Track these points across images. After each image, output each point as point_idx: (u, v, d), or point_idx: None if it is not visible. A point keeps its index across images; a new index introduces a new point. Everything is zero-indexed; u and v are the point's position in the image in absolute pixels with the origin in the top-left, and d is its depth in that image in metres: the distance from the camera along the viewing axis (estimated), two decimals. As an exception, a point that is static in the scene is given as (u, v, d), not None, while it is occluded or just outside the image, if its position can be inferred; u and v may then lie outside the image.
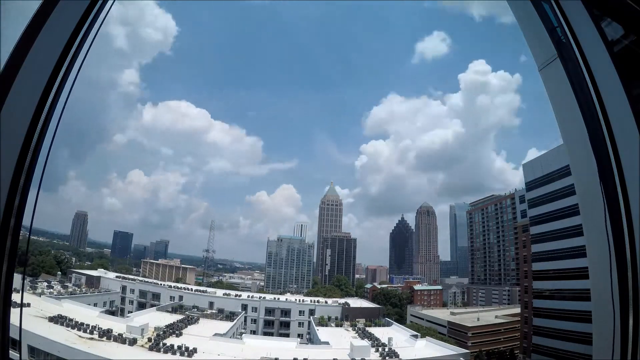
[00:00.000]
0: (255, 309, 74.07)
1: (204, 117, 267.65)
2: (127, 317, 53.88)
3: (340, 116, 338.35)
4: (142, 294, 77.43)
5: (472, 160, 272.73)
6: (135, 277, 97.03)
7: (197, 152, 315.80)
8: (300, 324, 73.43)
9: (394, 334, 54.07)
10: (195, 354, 38.79)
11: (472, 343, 72.76)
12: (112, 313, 60.96)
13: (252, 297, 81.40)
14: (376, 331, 58.54)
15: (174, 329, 47.86)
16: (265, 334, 67.60)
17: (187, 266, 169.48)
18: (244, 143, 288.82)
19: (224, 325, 56.31)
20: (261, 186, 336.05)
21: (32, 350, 33.96)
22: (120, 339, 40.11)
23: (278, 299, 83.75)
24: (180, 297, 75.58)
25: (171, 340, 42.84)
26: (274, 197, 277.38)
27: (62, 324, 41.25)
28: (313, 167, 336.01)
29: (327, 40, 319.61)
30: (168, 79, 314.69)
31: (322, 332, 57.01)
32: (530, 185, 73.05)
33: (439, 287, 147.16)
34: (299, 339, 57.68)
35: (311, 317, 69.54)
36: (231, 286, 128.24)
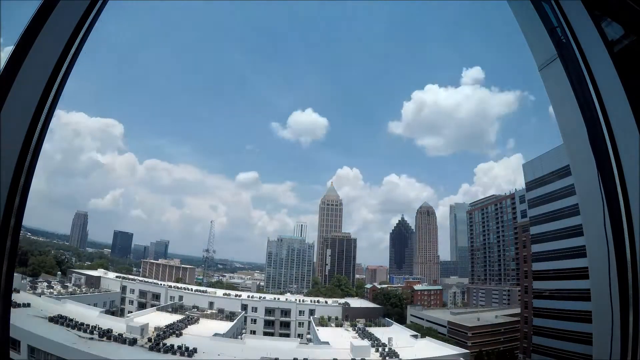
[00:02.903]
0: (255, 309, 74.04)
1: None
2: (127, 317, 53.90)
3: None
4: (142, 294, 77.43)
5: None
6: (135, 277, 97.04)
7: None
8: (301, 324, 73.41)
9: (394, 334, 54.04)
10: (195, 354, 38.77)
11: (472, 343, 72.70)
12: (112, 313, 60.93)
13: (252, 297, 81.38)
14: (376, 331, 58.54)
15: (174, 329, 47.84)
16: (265, 334, 67.59)
17: (187, 266, 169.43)
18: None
19: (224, 325, 56.29)
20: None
21: (32, 350, 33.95)
22: (120, 339, 40.08)
23: (278, 299, 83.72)
24: (180, 297, 75.58)
25: (171, 340, 42.83)
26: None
27: (62, 324, 41.20)
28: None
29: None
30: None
31: (322, 332, 57.00)
32: (530, 185, 73.03)
33: (439, 287, 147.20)
34: (299, 339, 57.70)
35: (311, 317, 69.53)
36: (231, 286, 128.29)
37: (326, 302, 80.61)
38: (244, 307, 73.55)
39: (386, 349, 46.22)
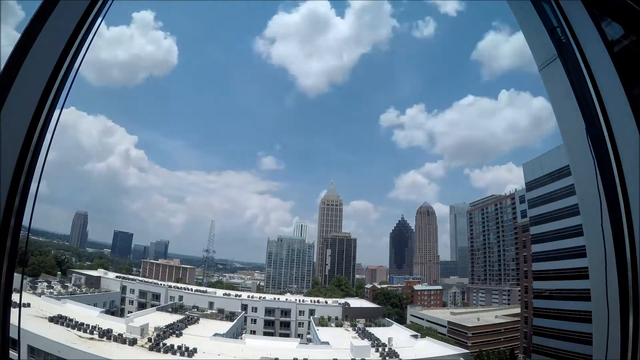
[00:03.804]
0: (255, 309, 74.03)
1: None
2: (127, 317, 53.82)
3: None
4: (142, 294, 77.42)
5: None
6: (135, 277, 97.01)
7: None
8: (301, 324, 73.39)
9: (394, 334, 54.02)
10: (195, 354, 38.75)
11: (472, 343, 72.75)
12: (112, 313, 60.88)
13: (252, 297, 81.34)
14: (376, 331, 58.51)
15: (174, 329, 47.83)
16: (265, 334, 67.54)
17: (187, 266, 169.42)
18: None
19: (224, 325, 56.26)
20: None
21: (32, 350, 33.96)
22: (120, 339, 40.07)
23: (278, 299, 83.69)
24: (180, 297, 75.55)
25: (171, 341, 42.81)
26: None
27: (62, 324, 41.23)
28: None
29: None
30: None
31: (322, 332, 56.97)
32: (530, 185, 72.98)
33: (439, 287, 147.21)
34: (299, 339, 57.64)
35: (311, 317, 69.49)
36: (231, 286, 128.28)
37: (326, 302, 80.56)
38: (244, 307, 73.51)
39: (386, 349, 46.19)
